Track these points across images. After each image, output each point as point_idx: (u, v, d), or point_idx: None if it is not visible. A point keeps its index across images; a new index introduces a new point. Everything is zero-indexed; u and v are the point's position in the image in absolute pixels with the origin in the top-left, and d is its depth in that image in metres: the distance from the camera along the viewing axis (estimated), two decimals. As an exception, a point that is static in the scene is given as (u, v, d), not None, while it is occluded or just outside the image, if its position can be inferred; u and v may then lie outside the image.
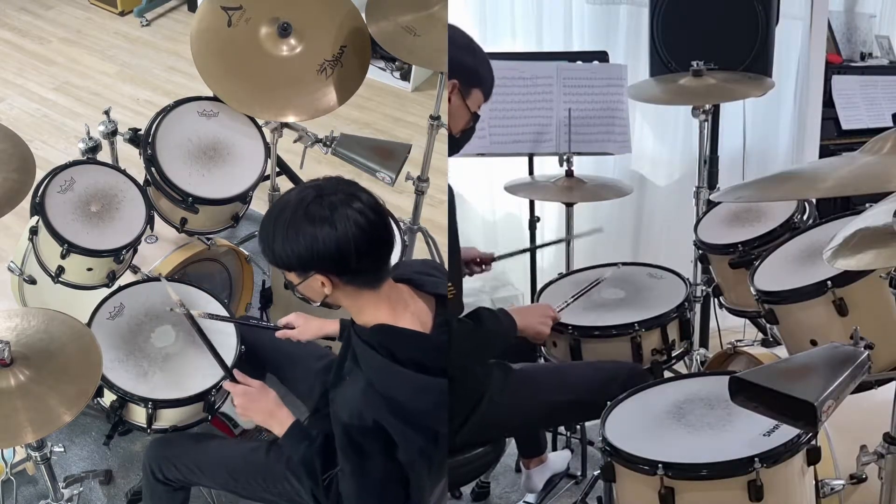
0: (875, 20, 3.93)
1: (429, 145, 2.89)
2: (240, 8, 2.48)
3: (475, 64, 1.95)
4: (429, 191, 3.02)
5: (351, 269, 1.57)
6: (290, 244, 1.55)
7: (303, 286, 1.63)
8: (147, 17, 5.02)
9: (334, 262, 1.56)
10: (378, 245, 1.59)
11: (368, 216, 1.56)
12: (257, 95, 2.48)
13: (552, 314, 2.15)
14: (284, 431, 1.81)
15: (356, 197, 1.57)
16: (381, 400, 1.58)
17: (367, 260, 1.57)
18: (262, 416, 1.85)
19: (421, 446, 1.60)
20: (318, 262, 1.56)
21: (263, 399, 1.85)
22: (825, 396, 1.32)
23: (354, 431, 1.59)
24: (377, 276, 1.62)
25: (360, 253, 1.54)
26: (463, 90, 1.93)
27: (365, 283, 1.61)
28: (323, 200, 1.54)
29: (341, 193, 1.56)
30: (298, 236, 1.54)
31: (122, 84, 4.50)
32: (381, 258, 1.61)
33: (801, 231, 2.22)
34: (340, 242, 1.53)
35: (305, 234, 1.53)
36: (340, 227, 1.53)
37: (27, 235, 2.35)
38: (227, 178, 2.47)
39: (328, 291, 1.61)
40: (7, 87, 4.43)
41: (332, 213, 1.53)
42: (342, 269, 1.57)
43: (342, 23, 2.56)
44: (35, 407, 1.68)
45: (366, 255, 1.56)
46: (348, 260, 1.55)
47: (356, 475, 1.63)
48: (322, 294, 1.62)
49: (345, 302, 1.65)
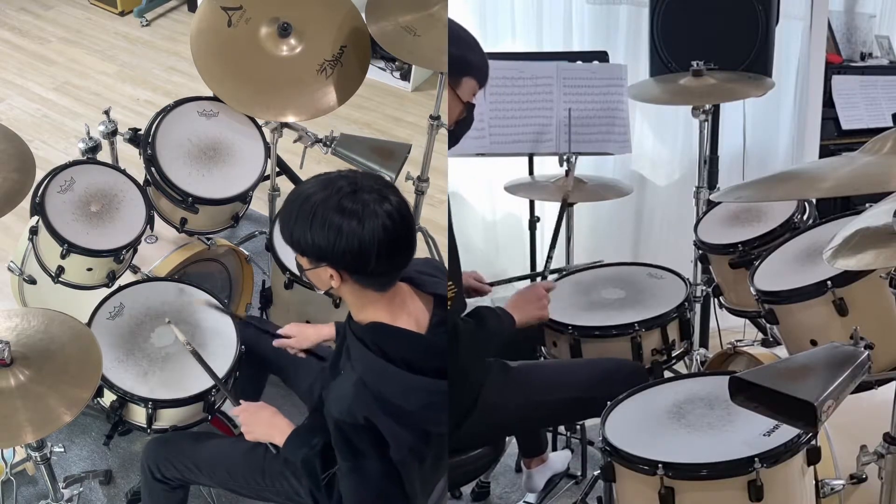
0: (875, 20, 3.93)
1: (429, 145, 2.89)
2: (240, 8, 2.48)
3: (460, 52, 1.91)
4: (429, 191, 3.02)
5: (368, 270, 1.55)
6: (312, 233, 1.52)
7: (311, 273, 1.60)
8: (147, 17, 5.01)
9: (352, 260, 1.53)
10: (399, 250, 1.56)
11: (395, 220, 1.52)
12: (257, 95, 2.48)
13: (544, 291, 2.12)
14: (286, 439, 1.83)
15: (387, 198, 1.53)
16: (371, 397, 1.57)
17: (384, 264, 1.55)
18: (263, 428, 1.89)
19: (411, 445, 1.60)
20: (336, 256, 1.53)
21: (262, 411, 1.91)
22: (825, 396, 1.32)
23: (346, 428, 1.59)
24: (388, 281, 1.61)
25: (380, 256, 1.52)
26: (451, 81, 1.90)
27: (373, 285, 1.60)
28: (357, 196, 1.51)
29: (375, 193, 1.52)
30: (324, 227, 1.50)
31: (122, 84, 4.50)
32: (398, 264, 1.59)
33: (801, 231, 2.22)
34: (364, 242, 1.50)
35: (332, 226, 1.50)
36: (367, 226, 1.50)
37: (27, 235, 2.35)
38: (227, 178, 2.47)
39: (335, 285, 1.58)
40: (7, 87, 4.43)
41: (363, 210, 1.50)
42: (358, 268, 1.55)
43: (342, 23, 2.56)
44: (35, 407, 1.68)
45: (385, 259, 1.54)
46: (368, 261, 1.52)
47: (353, 473, 1.63)
48: (328, 285, 1.60)
49: (348, 297, 1.64)
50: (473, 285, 2.31)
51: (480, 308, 1.97)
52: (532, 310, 2.08)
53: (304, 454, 1.76)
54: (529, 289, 2.16)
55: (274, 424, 1.88)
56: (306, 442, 1.78)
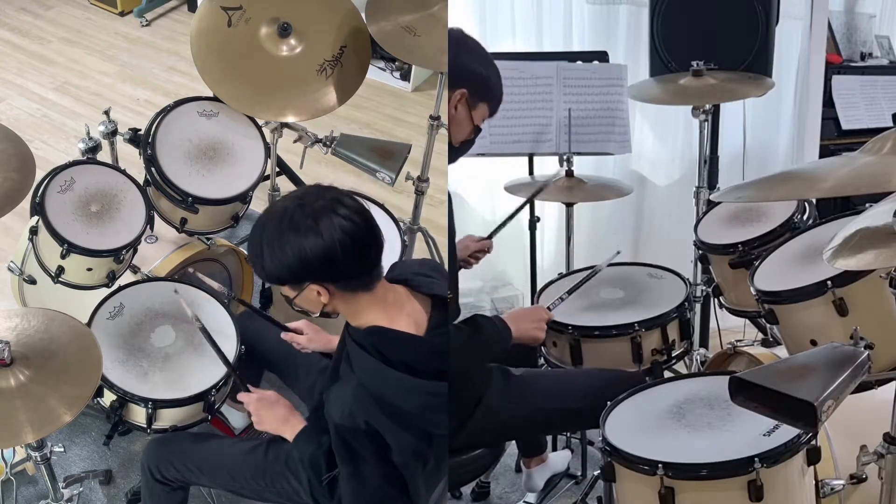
0: (875, 20, 3.93)
1: (429, 145, 2.89)
2: (240, 8, 2.48)
3: (488, 76, 1.92)
4: (429, 191, 3.02)
5: (342, 273, 1.57)
6: (278, 257, 1.55)
7: (299, 299, 1.63)
8: (147, 17, 5.02)
9: (325, 269, 1.56)
10: (366, 247, 1.58)
11: (354, 220, 1.56)
12: (257, 95, 2.48)
13: (545, 316, 2.12)
14: (295, 435, 1.82)
15: (340, 202, 1.57)
16: (372, 401, 1.58)
17: (357, 263, 1.57)
18: (276, 423, 1.88)
19: (415, 447, 1.60)
20: (309, 271, 1.56)
21: (279, 406, 1.89)
22: (825, 396, 1.32)
23: (346, 433, 1.60)
24: (370, 278, 1.62)
25: (348, 256, 1.54)
26: (471, 101, 1.90)
27: (359, 287, 1.61)
28: (305, 209, 1.54)
29: (323, 200, 1.56)
30: (285, 248, 1.54)
31: (122, 84, 4.50)
32: (372, 260, 1.61)
33: (801, 231, 2.22)
34: (328, 249, 1.53)
35: (292, 244, 1.53)
36: (326, 234, 1.52)
37: (27, 235, 2.35)
38: (227, 178, 2.47)
39: (325, 300, 1.61)
40: (7, 87, 4.43)
41: (316, 222, 1.53)
42: (334, 275, 1.57)
43: (342, 23, 2.56)
44: (35, 407, 1.68)
45: (355, 258, 1.56)
46: (337, 264, 1.55)
47: (353, 478, 1.63)
48: (320, 304, 1.62)
49: (342, 308, 1.65)
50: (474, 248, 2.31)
51: (477, 316, 1.96)
52: (530, 328, 2.06)
53: (312, 452, 1.77)
54: (532, 308, 2.17)
55: (288, 421, 1.86)
56: (315, 440, 1.79)
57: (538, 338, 2.08)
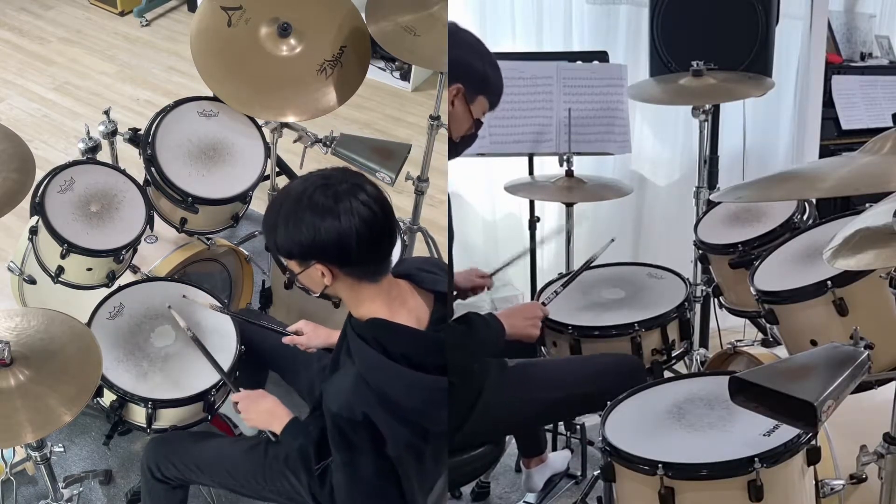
0: (875, 20, 3.93)
1: (429, 145, 2.90)
2: (240, 8, 2.48)
3: (484, 69, 1.91)
4: (429, 191, 3.02)
5: (352, 260, 1.57)
6: (292, 232, 1.55)
7: (303, 275, 1.63)
8: (147, 17, 5.01)
9: (336, 253, 1.55)
10: (380, 238, 1.58)
11: (373, 208, 1.55)
12: (257, 95, 2.48)
13: (540, 313, 2.11)
14: (283, 427, 1.83)
15: (362, 188, 1.57)
16: (371, 393, 1.58)
17: (368, 252, 1.57)
18: (263, 416, 1.89)
19: (408, 441, 1.60)
20: (320, 251, 1.56)
21: (263, 400, 1.90)
22: (825, 396, 1.32)
23: (343, 423, 1.59)
24: (378, 269, 1.62)
25: (361, 244, 1.54)
26: (468, 96, 1.89)
27: (365, 276, 1.61)
28: (328, 190, 1.54)
29: (347, 184, 1.56)
30: (301, 224, 1.54)
31: (122, 84, 4.50)
32: (383, 251, 1.61)
33: (801, 231, 2.22)
34: (343, 233, 1.53)
35: (308, 222, 1.53)
36: (344, 219, 1.52)
37: (27, 235, 2.35)
38: (227, 178, 2.47)
39: (328, 282, 1.60)
40: (7, 87, 4.43)
41: (336, 203, 1.53)
42: (343, 259, 1.57)
43: (342, 23, 2.56)
44: (35, 407, 1.68)
45: (368, 247, 1.56)
46: (350, 251, 1.54)
47: (346, 467, 1.63)
48: (322, 284, 1.62)
49: (344, 294, 1.65)
50: (478, 283, 2.31)
51: (470, 313, 1.95)
52: (524, 325, 2.05)
53: (301, 442, 1.77)
54: (527, 305, 2.16)
55: (273, 413, 1.88)
56: (303, 430, 1.79)
57: (532, 335, 2.07)
